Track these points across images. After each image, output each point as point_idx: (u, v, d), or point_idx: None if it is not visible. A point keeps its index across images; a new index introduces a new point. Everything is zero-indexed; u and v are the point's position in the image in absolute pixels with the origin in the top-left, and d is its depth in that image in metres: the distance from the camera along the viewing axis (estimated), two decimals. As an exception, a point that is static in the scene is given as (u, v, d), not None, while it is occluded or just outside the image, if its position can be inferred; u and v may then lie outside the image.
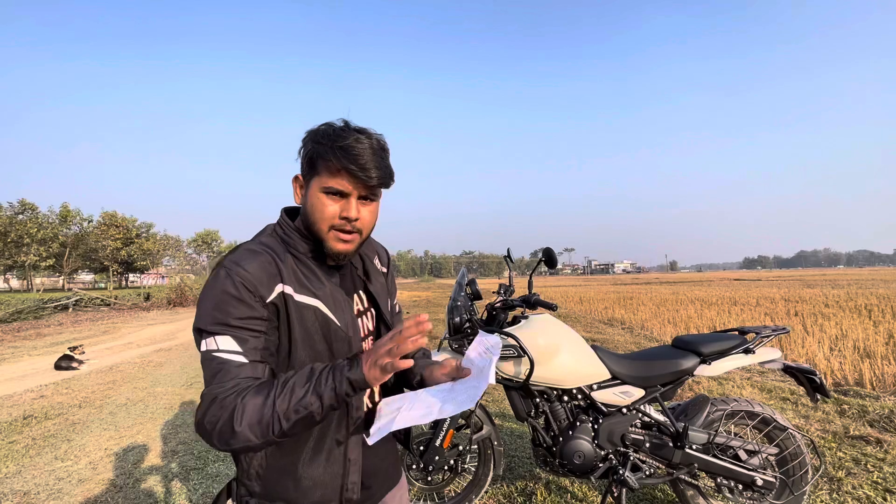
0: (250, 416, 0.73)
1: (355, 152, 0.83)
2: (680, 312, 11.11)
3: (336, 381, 0.76)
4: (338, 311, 0.91)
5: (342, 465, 0.91)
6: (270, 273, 0.84)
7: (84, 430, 3.92)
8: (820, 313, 9.91)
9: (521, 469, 2.89)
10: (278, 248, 0.90)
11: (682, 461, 2.05)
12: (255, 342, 0.81)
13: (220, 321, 0.79)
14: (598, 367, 2.11)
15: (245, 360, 0.79)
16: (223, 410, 0.74)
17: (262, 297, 0.82)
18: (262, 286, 0.82)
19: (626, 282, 46.44)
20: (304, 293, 0.88)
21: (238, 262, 0.83)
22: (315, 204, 0.87)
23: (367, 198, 0.89)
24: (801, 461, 2.06)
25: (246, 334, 0.80)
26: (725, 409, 2.13)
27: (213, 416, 0.75)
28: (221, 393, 0.76)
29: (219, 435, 0.75)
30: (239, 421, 0.73)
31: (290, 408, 0.74)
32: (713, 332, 2.30)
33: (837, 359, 5.69)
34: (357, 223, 0.89)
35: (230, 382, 0.77)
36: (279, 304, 0.84)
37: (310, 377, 0.77)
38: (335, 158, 0.83)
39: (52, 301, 18.12)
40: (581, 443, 2.07)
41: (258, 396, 0.75)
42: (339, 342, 0.91)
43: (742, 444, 2.07)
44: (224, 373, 0.77)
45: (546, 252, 2.18)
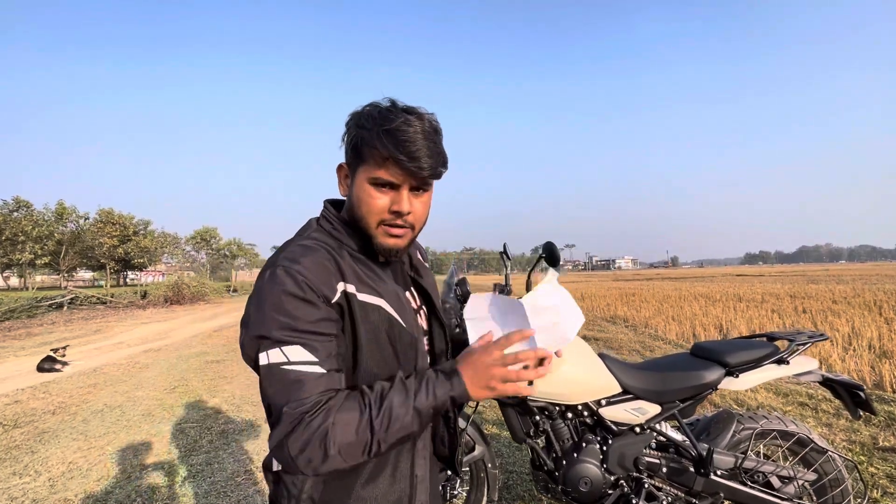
0: (344, 439, 0.67)
1: (405, 138, 0.74)
2: (684, 309, 10.82)
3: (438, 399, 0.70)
4: (402, 311, 0.84)
5: (409, 482, 0.82)
6: (330, 271, 0.76)
7: (51, 441, 3.65)
8: (829, 310, 9.62)
9: (520, 488, 2.61)
10: (332, 243, 0.82)
11: (705, 489, 1.77)
12: (329, 348, 0.73)
13: (287, 326, 0.70)
14: (607, 380, 1.83)
15: (322, 371, 0.71)
16: (311, 433, 0.67)
17: (326, 297, 0.74)
18: (324, 285, 0.74)
19: (628, 278, 46.13)
20: (368, 292, 0.80)
21: (295, 259, 0.75)
22: (362, 196, 0.80)
23: (419, 188, 0.81)
24: (844, 489, 1.78)
25: (316, 340, 0.72)
26: (755, 427, 1.84)
27: (298, 439, 0.67)
28: (305, 411, 0.68)
29: (307, 461, 0.67)
30: (333, 445, 0.67)
31: (391, 430, 0.69)
32: (738, 339, 2.01)
33: (853, 359, 5.42)
34: (409, 217, 0.81)
35: (312, 399, 0.69)
36: (343, 304, 0.76)
37: (407, 393, 0.71)
38: (381, 146, 0.74)
39: (47, 299, 17.87)
40: (587, 467, 1.78)
41: (350, 414, 0.68)
42: (405, 345, 0.83)
43: (775, 470, 1.79)
44: (301, 387, 0.69)
45: (547, 247, 1.89)
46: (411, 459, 0.82)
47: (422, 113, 0.79)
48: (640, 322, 9.45)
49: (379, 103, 0.80)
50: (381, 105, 0.79)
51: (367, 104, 0.80)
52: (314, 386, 0.70)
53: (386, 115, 0.77)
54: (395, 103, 0.80)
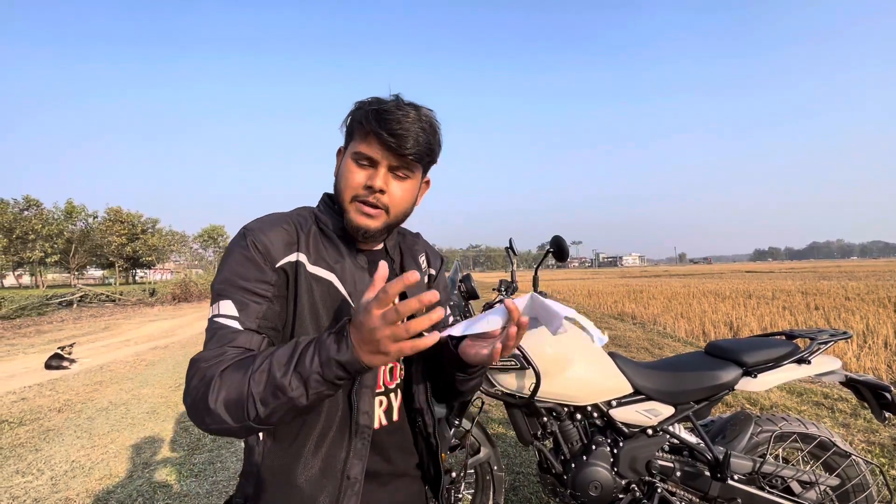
0: (227, 393, 0.63)
1: (391, 118, 0.75)
2: (693, 306, 10.68)
3: (322, 364, 0.61)
4: (354, 289, 0.82)
5: (338, 482, 0.77)
6: (288, 240, 0.79)
7: (55, 439, 3.64)
8: (842, 307, 9.45)
9: (527, 490, 2.55)
10: (306, 219, 0.85)
11: (721, 494, 1.69)
12: (256, 309, 0.74)
13: (227, 280, 0.74)
14: (617, 380, 1.76)
15: (239, 328, 0.72)
16: (202, 383, 0.65)
17: (272, 260, 0.77)
18: (274, 250, 0.77)
19: (635, 275, 45.80)
20: (320, 265, 0.81)
21: (258, 224, 0.80)
22: (343, 171, 0.82)
23: (399, 171, 0.80)
24: (868, 495, 1.69)
25: (248, 298, 0.74)
26: (773, 429, 1.76)
27: (192, 387, 0.66)
28: (205, 362, 0.67)
29: (194, 410, 0.65)
30: (214, 397, 0.63)
31: (267, 389, 0.61)
32: (755, 337, 1.93)
33: (870, 357, 5.29)
34: (383, 197, 0.79)
35: (217, 350, 0.69)
36: (289, 271, 0.78)
37: (292, 353, 0.63)
38: (366, 122, 0.76)
39: (57, 297, 18.05)
40: (597, 470, 1.71)
41: (238, 371, 0.64)
42: None
43: (795, 474, 1.71)
44: (216, 339, 0.70)
45: (555, 241, 1.82)
46: (345, 458, 0.78)
47: (420, 106, 0.80)
48: (649, 319, 9.33)
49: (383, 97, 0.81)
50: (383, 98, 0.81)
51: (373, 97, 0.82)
52: (226, 339, 0.70)
53: (383, 101, 0.79)
54: (399, 96, 0.81)
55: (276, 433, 0.80)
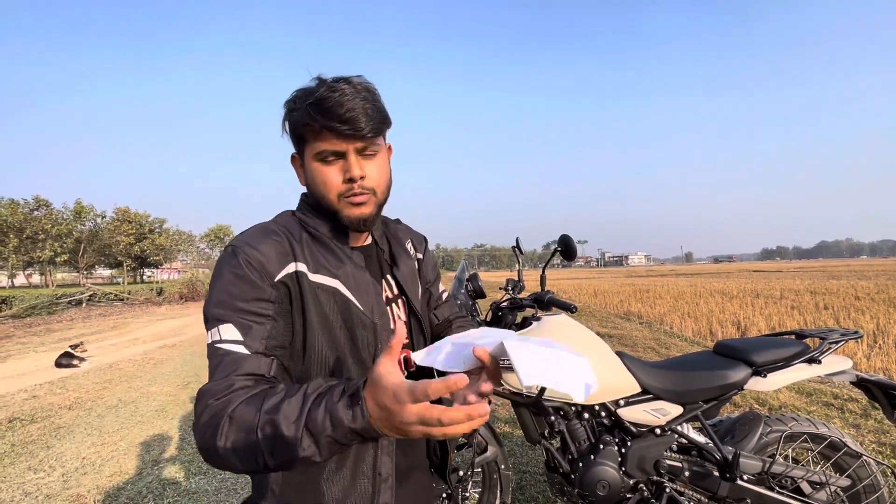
0: (235, 439, 0.59)
1: (331, 104, 0.72)
2: (700, 306, 10.61)
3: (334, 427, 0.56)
4: (360, 294, 0.80)
5: (371, 481, 0.77)
6: (281, 251, 0.75)
7: (66, 436, 3.69)
8: (852, 306, 9.35)
9: (534, 489, 2.54)
10: (294, 227, 0.82)
11: (730, 494, 1.68)
12: (261, 330, 0.71)
13: (224, 303, 0.70)
14: (625, 379, 1.75)
15: (247, 352, 0.68)
16: (212, 420, 0.61)
17: (270, 275, 0.73)
18: (270, 264, 0.73)
19: (641, 274, 45.58)
20: (321, 272, 0.78)
21: (246, 239, 0.75)
22: (315, 175, 0.79)
23: (366, 151, 0.78)
24: (880, 496, 1.68)
25: (250, 320, 0.70)
26: (783, 429, 1.75)
27: (202, 425, 0.63)
28: (213, 397, 0.64)
29: (204, 451, 0.62)
30: (223, 442, 0.60)
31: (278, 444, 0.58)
32: (764, 337, 1.92)
33: (879, 357, 5.23)
34: (365, 182, 0.78)
35: (225, 381, 0.65)
36: (291, 284, 0.75)
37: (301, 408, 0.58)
38: (311, 119, 0.73)
39: (66, 296, 18.26)
40: (605, 469, 1.71)
41: (247, 414, 0.60)
42: (363, 329, 0.79)
43: (805, 475, 1.69)
44: (223, 367, 0.67)
45: (563, 240, 1.81)
46: (374, 457, 0.78)
47: (349, 77, 0.77)
48: (655, 319, 9.29)
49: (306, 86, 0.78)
50: (307, 86, 0.78)
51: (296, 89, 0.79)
52: (235, 367, 0.67)
53: (310, 90, 0.76)
54: (321, 77, 0.78)
55: None
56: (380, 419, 0.55)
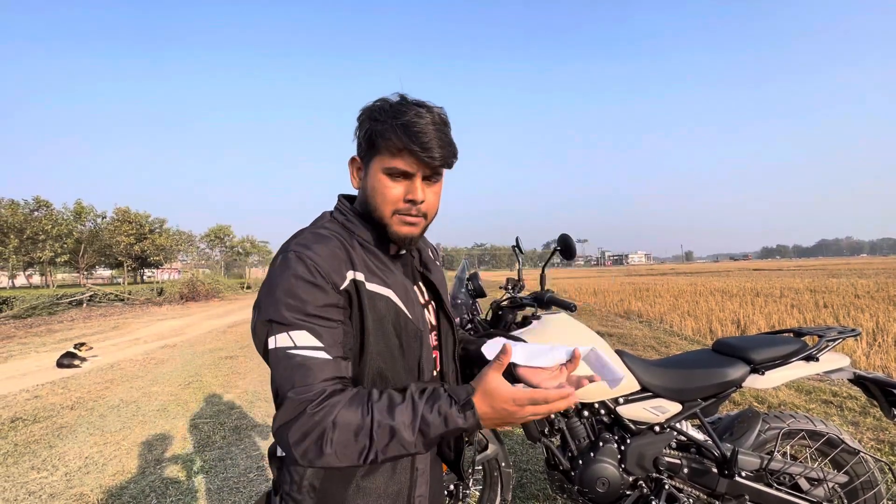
0: (342, 441, 0.66)
1: (417, 129, 0.76)
2: (700, 304, 10.62)
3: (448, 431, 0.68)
4: (409, 303, 0.85)
5: (409, 475, 0.82)
6: (341, 258, 0.78)
7: (69, 436, 3.70)
8: (851, 304, 9.36)
9: (534, 487, 2.56)
10: (344, 234, 0.84)
11: (729, 491, 1.69)
12: (335, 335, 0.73)
13: (296, 309, 0.71)
14: (625, 377, 1.76)
15: (328, 357, 0.71)
16: (312, 426, 0.66)
17: (335, 283, 0.75)
18: (334, 272, 0.75)
19: (642, 273, 45.60)
20: (376, 281, 0.81)
21: (307, 245, 0.77)
22: (377, 186, 0.81)
23: (431, 178, 0.83)
24: (877, 493, 1.69)
25: (324, 326, 0.73)
26: (781, 427, 1.76)
27: (298, 430, 0.67)
28: (309, 400, 0.67)
29: (303, 453, 0.67)
30: (329, 443, 0.66)
31: (391, 446, 0.67)
32: (762, 335, 1.93)
33: (878, 355, 5.24)
34: (423, 206, 0.82)
35: (316, 386, 0.69)
36: (352, 291, 0.77)
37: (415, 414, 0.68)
38: (396, 137, 0.76)
39: (67, 297, 18.27)
40: (605, 467, 1.72)
41: (352, 417, 0.67)
42: (410, 336, 0.84)
43: (803, 471, 1.71)
44: (306, 373, 0.69)
45: (562, 239, 1.83)
46: None
47: (431, 106, 0.81)
48: (655, 317, 9.30)
49: (388, 98, 0.82)
50: (391, 100, 0.81)
51: (377, 99, 0.82)
52: (319, 372, 0.70)
53: (398, 108, 0.79)
54: (405, 97, 0.81)
55: None
56: (489, 418, 0.69)
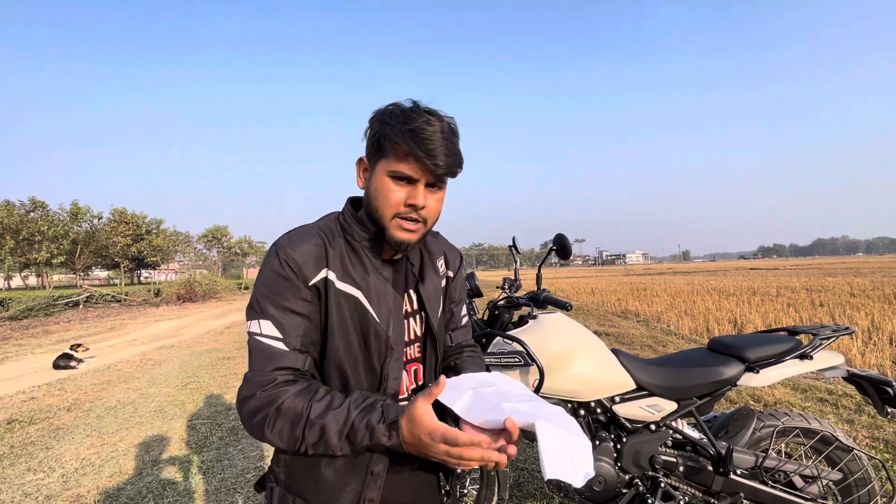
0: (281, 428, 0.74)
1: (425, 136, 0.77)
2: (697, 304, 10.66)
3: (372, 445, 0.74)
4: (379, 307, 0.86)
5: (363, 476, 0.85)
6: (318, 256, 0.83)
7: (65, 437, 3.69)
8: (847, 303, 9.41)
9: (531, 486, 2.57)
10: (333, 232, 0.88)
11: (724, 489, 1.70)
12: (297, 327, 0.80)
13: (266, 299, 0.79)
14: (621, 376, 1.77)
15: (286, 349, 0.78)
16: (259, 408, 0.75)
17: (305, 278, 0.81)
18: (306, 267, 0.81)
19: (639, 272, 45.73)
20: (346, 281, 0.85)
21: (287, 241, 0.83)
22: (380, 188, 0.83)
23: (435, 185, 0.84)
24: (871, 489, 1.71)
25: (288, 319, 0.79)
26: (776, 425, 1.77)
27: (248, 408, 0.77)
28: (260, 384, 0.76)
29: (251, 429, 0.78)
30: (271, 427, 0.75)
31: (318, 445, 0.74)
32: (757, 333, 1.94)
33: (873, 353, 5.28)
34: (423, 212, 0.84)
35: (269, 375, 0.77)
36: (321, 288, 0.82)
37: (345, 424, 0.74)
38: (403, 142, 0.78)
39: (63, 298, 18.21)
40: (601, 465, 1.73)
41: (294, 409, 0.75)
42: (376, 339, 0.86)
43: (798, 469, 1.72)
44: (265, 359, 0.78)
45: (558, 239, 1.84)
46: (370, 456, 0.84)
47: (441, 115, 0.82)
48: (652, 317, 9.33)
49: (401, 103, 0.83)
50: (403, 105, 0.82)
51: (391, 103, 0.83)
52: (275, 361, 0.78)
53: (409, 114, 0.80)
54: (417, 104, 0.82)
55: None
56: (410, 444, 0.72)
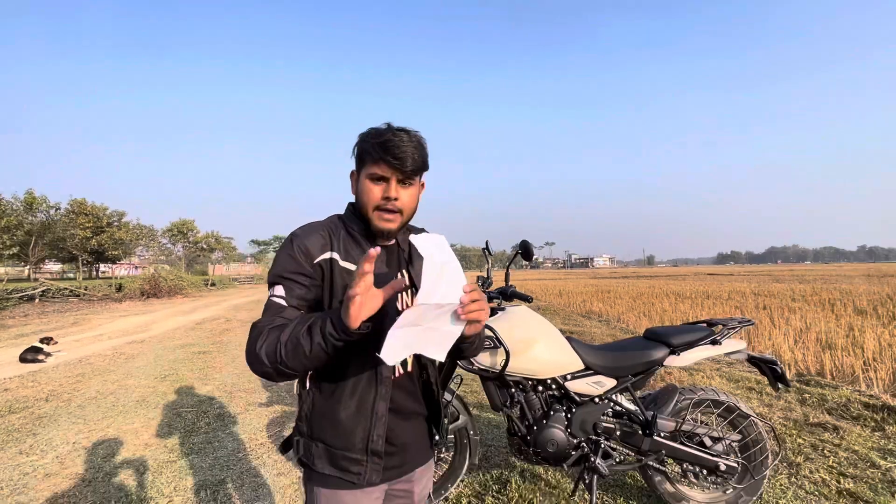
0: (269, 343, 0.92)
1: (391, 144, 1.01)
2: (655, 305, 11.38)
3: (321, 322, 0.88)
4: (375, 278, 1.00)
5: (369, 417, 1.06)
6: (323, 243, 1.07)
7: (51, 424, 3.80)
8: (787, 307, 10.30)
9: (497, 458, 2.94)
10: (337, 226, 1.12)
11: (650, 448, 2.12)
12: (300, 291, 1.02)
13: (278, 273, 1.03)
14: (572, 358, 2.15)
15: (286, 304, 1.00)
16: (254, 336, 0.95)
17: (311, 258, 1.04)
18: (314, 250, 1.05)
19: (605, 275, 47.28)
20: (349, 260, 1.08)
21: (301, 232, 1.08)
22: (362, 189, 1.08)
23: (405, 182, 1.06)
24: (763, 447, 2.15)
25: (294, 285, 1.02)
26: (693, 397, 2.20)
27: (249, 340, 0.96)
28: (262, 324, 0.97)
29: (247, 355, 0.96)
30: (260, 344, 0.92)
31: (289, 338, 0.90)
32: (683, 325, 2.37)
33: (801, 350, 5.93)
34: (397, 203, 1.05)
35: (271, 317, 0.97)
36: (325, 266, 1.05)
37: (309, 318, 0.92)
38: (375, 151, 1.03)
39: (18, 291, 17.40)
40: (555, 432, 2.11)
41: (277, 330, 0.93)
42: None
43: (707, 432, 2.16)
44: (271, 311, 1.00)
45: (522, 245, 2.21)
46: (373, 399, 1.06)
47: (408, 130, 1.07)
48: (614, 317, 9.94)
49: (378, 126, 1.08)
50: (379, 127, 1.08)
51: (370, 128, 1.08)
52: (276, 311, 1.00)
53: (381, 132, 1.05)
54: (390, 125, 1.07)
55: (320, 385, 1.08)
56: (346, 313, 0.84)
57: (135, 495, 2.62)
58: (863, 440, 3.08)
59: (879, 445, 2.99)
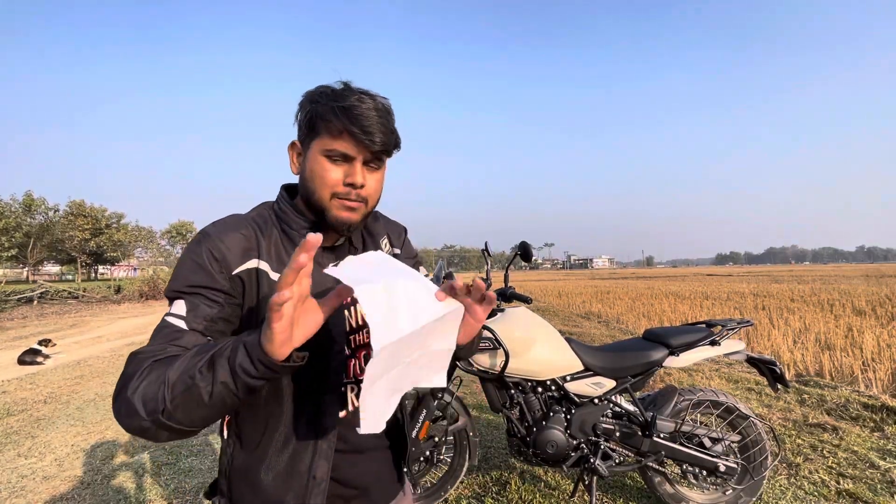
0: (148, 383, 0.61)
1: (358, 112, 0.75)
2: (654, 306, 11.39)
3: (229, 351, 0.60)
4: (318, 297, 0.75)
5: (304, 483, 0.78)
6: (246, 247, 0.78)
7: (49, 427, 3.79)
8: (785, 307, 10.31)
9: (497, 459, 2.94)
10: (267, 222, 0.84)
11: (650, 449, 2.11)
12: (207, 311, 0.73)
13: (182, 284, 0.73)
14: (571, 359, 2.15)
15: (185, 327, 0.70)
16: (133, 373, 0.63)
17: (228, 268, 0.76)
18: (231, 257, 0.76)
19: (604, 276, 47.39)
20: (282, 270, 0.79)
21: (216, 230, 0.78)
22: (315, 169, 0.79)
23: (372, 163, 0.81)
24: (762, 448, 2.15)
25: (201, 302, 0.73)
26: (692, 398, 2.20)
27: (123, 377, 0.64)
28: (143, 354, 0.66)
29: (115, 400, 0.63)
30: (136, 385, 0.61)
31: (179, 377, 0.60)
32: (682, 325, 2.37)
33: (800, 351, 5.94)
34: (363, 191, 0.80)
35: (161, 345, 0.67)
36: (246, 279, 0.77)
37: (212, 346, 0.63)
38: (336, 119, 0.75)
39: (16, 293, 17.38)
40: (554, 433, 2.11)
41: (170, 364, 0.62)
42: None
43: (707, 433, 2.15)
44: (161, 336, 0.68)
45: (521, 246, 2.21)
46: (311, 459, 0.79)
47: (374, 94, 0.80)
48: (613, 318, 9.95)
49: (332, 85, 0.80)
50: (334, 86, 0.80)
51: (320, 85, 0.81)
52: (170, 337, 0.69)
53: (340, 93, 0.78)
54: (349, 84, 0.80)
55: (240, 433, 0.81)
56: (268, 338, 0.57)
57: (133, 498, 2.61)
58: (862, 440, 3.08)
59: (878, 446, 3.00)
